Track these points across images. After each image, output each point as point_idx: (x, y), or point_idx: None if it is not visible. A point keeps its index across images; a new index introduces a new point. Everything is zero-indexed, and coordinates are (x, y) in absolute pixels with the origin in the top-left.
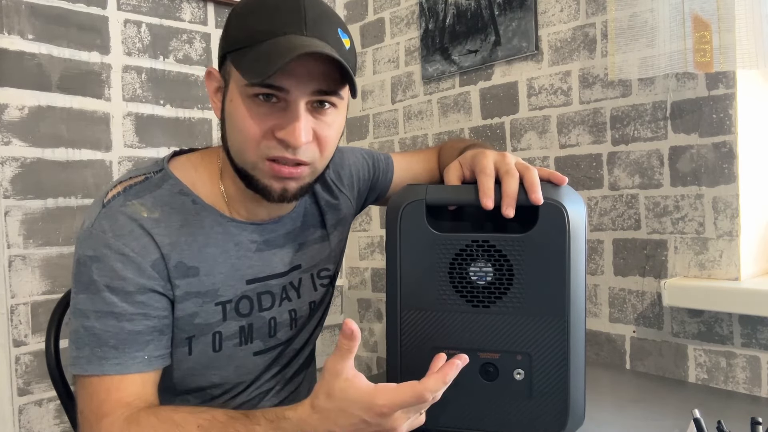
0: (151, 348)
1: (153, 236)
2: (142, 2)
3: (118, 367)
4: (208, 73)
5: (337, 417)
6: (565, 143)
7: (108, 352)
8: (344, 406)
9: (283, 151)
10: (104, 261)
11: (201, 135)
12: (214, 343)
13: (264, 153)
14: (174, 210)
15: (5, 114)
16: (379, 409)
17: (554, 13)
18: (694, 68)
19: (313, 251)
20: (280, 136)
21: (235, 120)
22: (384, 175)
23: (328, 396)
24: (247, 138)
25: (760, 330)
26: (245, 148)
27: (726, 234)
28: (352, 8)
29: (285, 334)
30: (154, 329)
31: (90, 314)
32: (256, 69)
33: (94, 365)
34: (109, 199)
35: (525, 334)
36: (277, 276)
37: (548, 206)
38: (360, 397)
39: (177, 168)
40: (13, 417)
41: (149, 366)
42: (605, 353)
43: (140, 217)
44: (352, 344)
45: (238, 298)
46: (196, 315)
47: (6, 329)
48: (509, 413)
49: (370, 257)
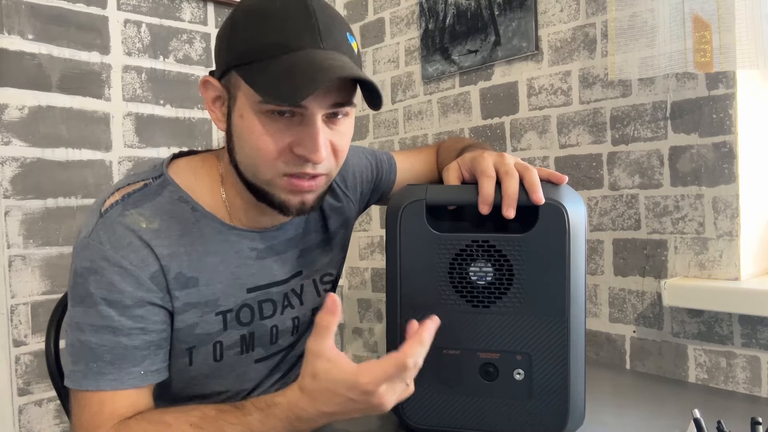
0: (147, 363)
1: (152, 248)
2: (142, 2)
3: (114, 383)
4: (204, 82)
5: (325, 397)
6: (565, 143)
7: (104, 368)
8: (330, 387)
9: (302, 167)
10: (102, 273)
11: (201, 135)
12: (215, 352)
13: (281, 169)
14: (173, 218)
15: (5, 114)
16: (364, 387)
17: (554, 13)
18: (694, 68)
19: (314, 256)
20: (299, 152)
21: (247, 137)
22: (387, 175)
23: (313, 377)
24: (264, 156)
25: (760, 330)
26: (260, 165)
27: (726, 234)
28: (352, 8)
29: (286, 341)
30: (151, 344)
31: (86, 328)
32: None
33: (89, 380)
34: (107, 207)
35: (525, 334)
36: (278, 284)
37: (548, 206)
38: (344, 377)
39: (176, 173)
40: (13, 417)
41: (144, 381)
42: (605, 353)
43: (139, 228)
44: (331, 320)
45: (239, 307)
46: (196, 326)
47: (6, 329)
48: (509, 413)
49: (370, 257)
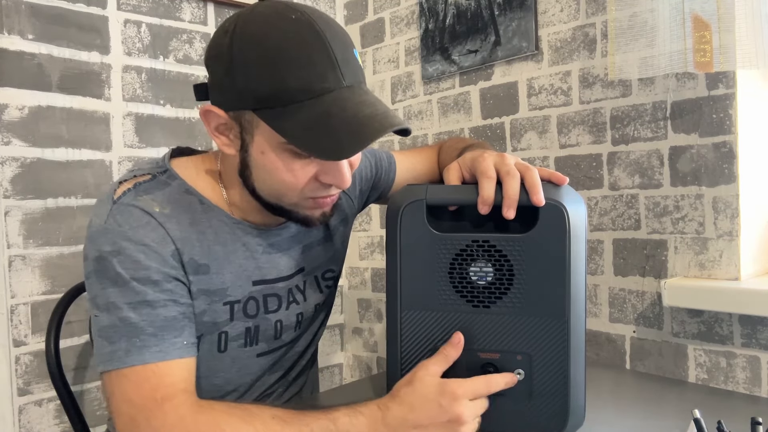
0: (186, 334)
1: (167, 230)
2: (142, 2)
3: (160, 354)
4: (206, 112)
5: (414, 400)
6: (565, 143)
7: (147, 340)
8: (422, 391)
9: (328, 191)
10: (125, 254)
11: (201, 135)
12: (219, 342)
13: (307, 194)
14: (182, 208)
15: (5, 114)
16: (451, 389)
17: (554, 13)
18: (694, 68)
19: (317, 253)
20: (326, 181)
21: (271, 172)
22: (386, 174)
23: (408, 383)
24: (290, 188)
25: (760, 330)
26: (286, 194)
27: (726, 234)
28: (352, 8)
29: (289, 336)
30: (185, 315)
31: (123, 306)
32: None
33: (133, 356)
34: (120, 195)
35: (525, 334)
36: (283, 279)
37: (548, 206)
38: (437, 382)
39: (180, 169)
40: (13, 417)
41: (188, 352)
42: (605, 353)
43: (153, 211)
44: (450, 352)
45: (246, 298)
46: (204, 313)
47: (6, 329)
48: (509, 413)
49: (370, 257)
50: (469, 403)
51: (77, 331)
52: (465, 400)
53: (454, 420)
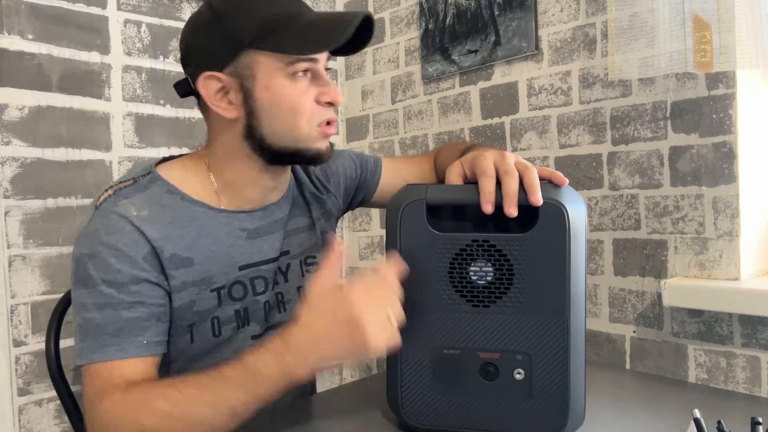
0: (149, 333)
1: (143, 232)
2: (142, 2)
3: (119, 353)
4: (208, 77)
5: (312, 318)
6: (565, 143)
7: (108, 340)
8: (317, 304)
9: (329, 112)
10: (99, 257)
11: (201, 135)
12: (213, 327)
13: (316, 120)
14: (164, 207)
15: (5, 114)
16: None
17: (554, 13)
18: (694, 68)
19: (300, 239)
20: (325, 99)
21: (282, 102)
22: (371, 175)
23: (304, 302)
24: (302, 112)
25: (760, 330)
26: (299, 123)
27: (726, 234)
28: (352, 8)
29: (275, 318)
30: (151, 315)
31: (90, 307)
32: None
33: (97, 353)
34: (101, 201)
35: (525, 333)
36: (269, 261)
37: (548, 206)
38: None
39: (164, 170)
40: (13, 417)
41: (148, 350)
42: (605, 353)
43: (130, 215)
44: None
45: (231, 283)
46: (194, 303)
47: (6, 329)
48: (509, 413)
49: (370, 257)
50: (365, 302)
51: None
52: (358, 299)
53: (354, 324)
